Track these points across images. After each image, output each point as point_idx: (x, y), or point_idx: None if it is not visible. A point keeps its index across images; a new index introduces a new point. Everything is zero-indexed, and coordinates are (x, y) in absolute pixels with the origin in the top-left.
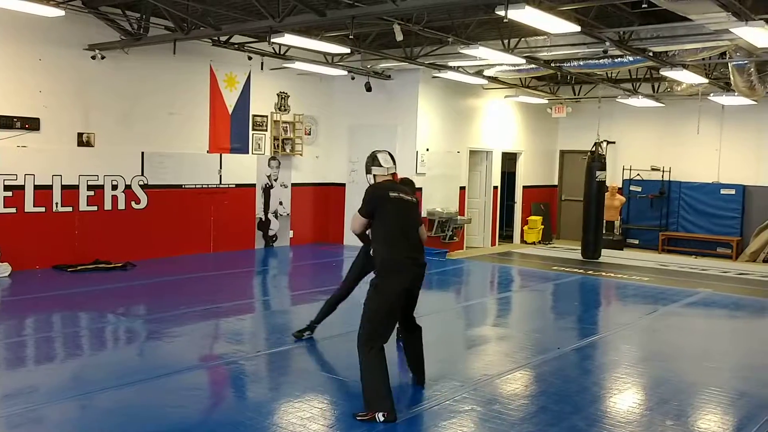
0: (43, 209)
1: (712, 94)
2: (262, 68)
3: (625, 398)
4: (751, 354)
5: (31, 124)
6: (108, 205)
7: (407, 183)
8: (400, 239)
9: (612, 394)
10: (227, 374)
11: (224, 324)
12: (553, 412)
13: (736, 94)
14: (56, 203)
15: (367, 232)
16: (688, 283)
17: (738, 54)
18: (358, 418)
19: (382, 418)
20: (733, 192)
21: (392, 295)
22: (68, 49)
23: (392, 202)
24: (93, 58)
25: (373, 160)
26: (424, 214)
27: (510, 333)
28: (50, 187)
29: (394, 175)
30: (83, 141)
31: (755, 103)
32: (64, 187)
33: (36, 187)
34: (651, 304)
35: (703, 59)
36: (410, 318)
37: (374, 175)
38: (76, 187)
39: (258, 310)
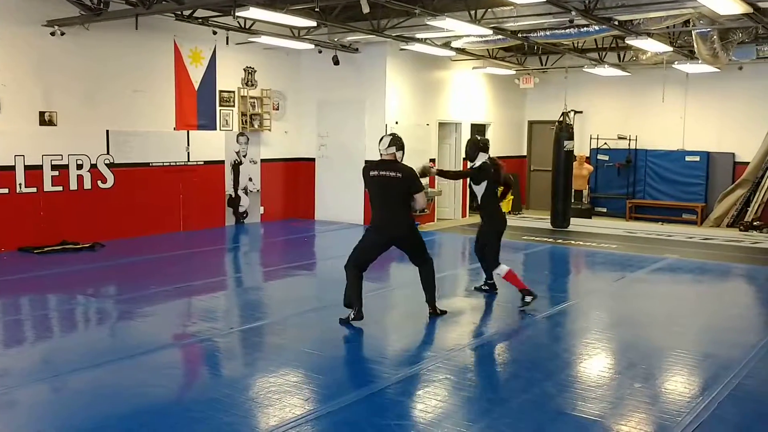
0: (6, 190)
1: (676, 63)
2: (227, 43)
3: (594, 363)
4: (716, 317)
5: None
6: (74, 185)
7: (469, 141)
8: (378, 208)
9: (582, 360)
10: (201, 352)
11: (197, 302)
12: (524, 378)
13: (699, 62)
14: (20, 184)
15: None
16: (655, 250)
17: (701, 22)
18: (340, 320)
19: (352, 316)
20: (697, 159)
21: (370, 243)
22: (26, 25)
23: (370, 179)
24: (52, 34)
25: (380, 141)
26: None
27: (482, 303)
28: (12, 168)
29: (393, 155)
30: (45, 120)
31: (718, 71)
32: (27, 168)
33: None
34: (619, 271)
35: (668, 27)
36: (416, 259)
37: (380, 153)
38: (40, 167)
39: (230, 288)
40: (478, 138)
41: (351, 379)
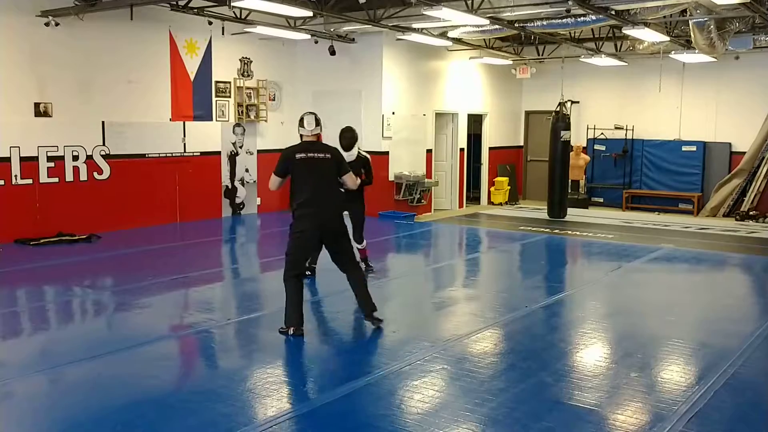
0: (1, 182)
1: (673, 52)
2: (223, 33)
3: (591, 353)
4: (712, 306)
5: None
6: (69, 177)
7: (349, 130)
8: (306, 192)
9: (578, 350)
10: (198, 343)
11: (193, 293)
12: (521, 369)
13: (696, 51)
14: (15, 175)
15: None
16: (651, 240)
17: (698, 11)
18: (280, 330)
19: (291, 332)
20: (693, 149)
21: (300, 237)
22: (19, 15)
23: (301, 162)
24: (46, 25)
25: (299, 122)
26: (391, 177)
27: (478, 293)
28: (8, 160)
29: (318, 136)
30: (40, 111)
31: (715, 60)
32: (22, 159)
33: None
34: (615, 261)
35: (664, 17)
36: (343, 258)
37: (300, 135)
38: (36, 158)
39: (227, 279)
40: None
41: (348, 369)
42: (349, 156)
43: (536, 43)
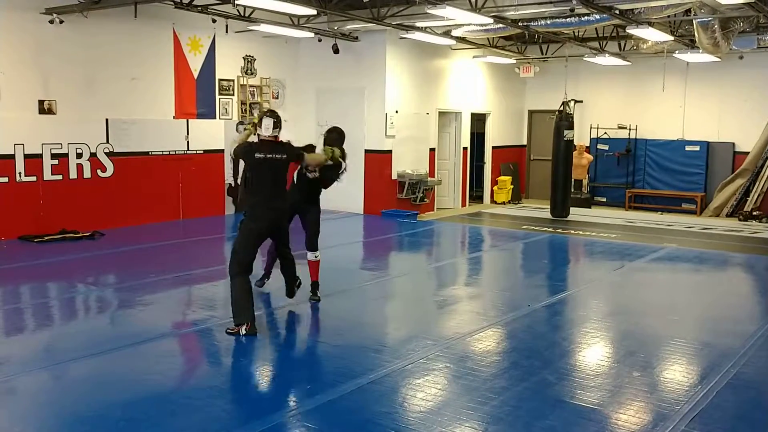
0: (6, 179)
1: (677, 52)
2: (226, 31)
3: (593, 352)
4: (714, 306)
5: None
6: (73, 174)
7: (337, 131)
8: (260, 191)
9: (581, 348)
10: (201, 340)
11: (196, 291)
12: (523, 367)
13: (700, 51)
14: (19, 173)
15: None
16: (654, 239)
17: (702, 11)
18: (228, 331)
19: (244, 332)
20: (697, 149)
21: (250, 234)
22: (24, 12)
23: (257, 161)
24: (51, 22)
25: (259, 122)
26: (394, 176)
27: (481, 292)
28: (12, 157)
29: (275, 137)
30: (44, 108)
31: (719, 60)
32: (26, 156)
33: None
34: (618, 260)
35: (668, 16)
36: (283, 250)
37: (258, 135)
38: (40, 156)
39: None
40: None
41: (351, 367)
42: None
43: (540, 42)
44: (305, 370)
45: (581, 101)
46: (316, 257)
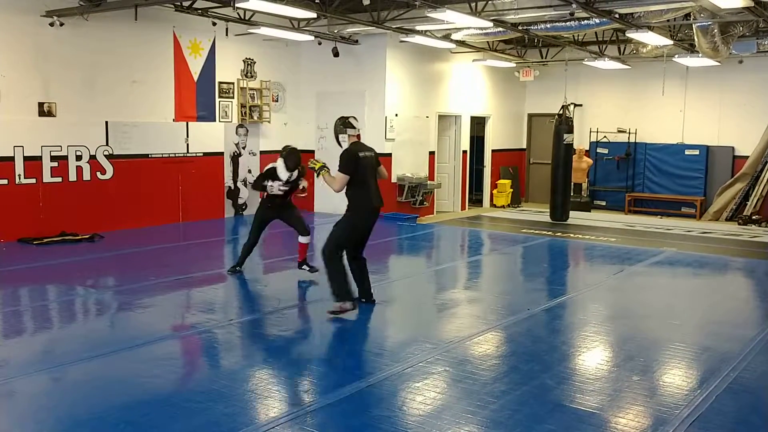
0: (5, 181)
1: (676, 56)
2: (227, 34)
3: (593, 356)
4: (714, 310)
5: None
6: (73, 176)
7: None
8: (367, 188)
9: (580, 353)
10: (200, 343)
11: (196, 293)
12: (523, 371)
13: (700, 55)
14: (19, 175)
15: (268, 183)
16: (654, 243)
17: (702, 15)
18: (329, 312)
19: (349, 306)
20: (696, 153)
21: (357, 224)
22: (24, 15)
23: (362, 160)
24: (51, 25)
25: (345, 124)
26: (394, 179)
27: (481, 296)
28: (12, 159)
29: (358, 135)
30: (44, 111)
31: (718, 64)
32: (26, 159)
33: None
34: (618, 264)
35: (668, 21)
36: (360, 251)
37: (348, 136)
38: (39, 158)
39: (229, 279)
40: None
41: (350, 370)
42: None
43: (540, 46)
44: (304, 374)
45: (581, 105)
46: (307, 241)
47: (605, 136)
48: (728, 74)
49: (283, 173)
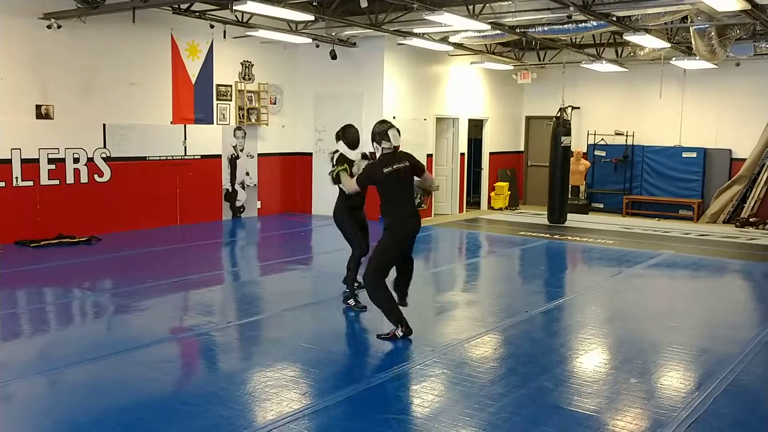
0: (2, 184)
1: (674, 59)
2: (224, 37)
3: (590, 358)
4: (711, 312)
5: None
6: (70, 179)
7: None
8: (400, 202)
9: (578, 355)
10: (198, 345)
11: (193, 296)
12: (521, 373)
13: (697, 58)
14: (16, 177)
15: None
16: (651, 245)
17: (699, 18)
18: (381, 336)
19: (401, 334)
20: (694, 155)
21: (398, 241)
22: (22, 17)
23: (388, 176)
24: (49, 27)
25: (381, 136)
26: None
27: (478, 298)
28: (9, 161)
29: (396, 148)
30: (42, 113)
31: (716, 66)
32: (23, 161)
33: None
34: (615, 267)
35: (666, 23)
36: (408, 254)
37: (382, 149)
38: (36, 160)
39: (227, 282)
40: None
41: (348, 373)
42: (355, 154)
43: (537, 49)
44: (301, 376)
45: (578, 107)
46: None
47: (603, 139)
48: (725, 77)
49: (350, 153)
